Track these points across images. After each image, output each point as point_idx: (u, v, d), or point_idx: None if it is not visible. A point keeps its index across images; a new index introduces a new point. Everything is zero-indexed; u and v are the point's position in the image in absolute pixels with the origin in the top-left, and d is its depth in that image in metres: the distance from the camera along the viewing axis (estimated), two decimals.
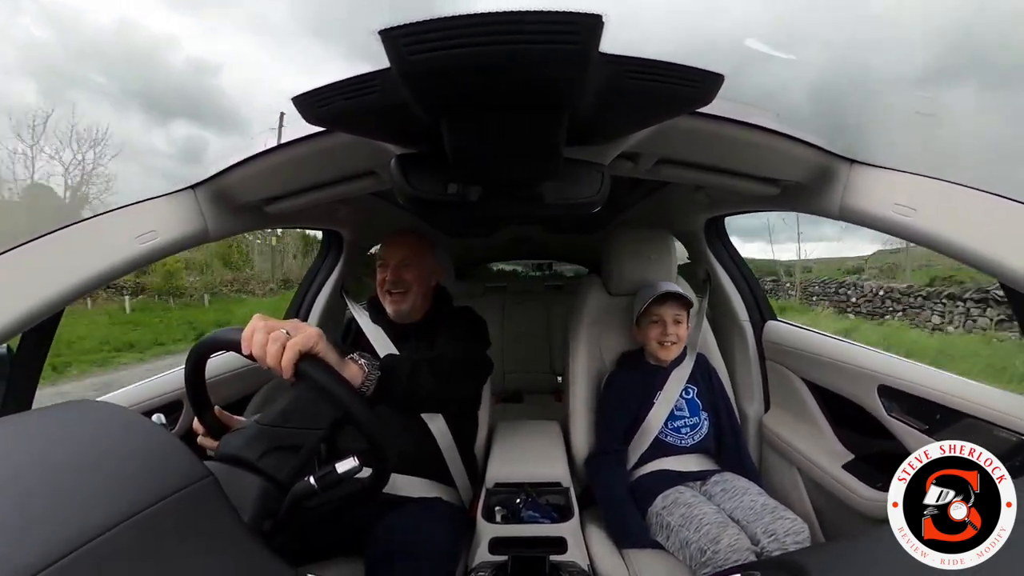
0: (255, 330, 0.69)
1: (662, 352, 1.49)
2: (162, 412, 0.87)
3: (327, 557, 1.17)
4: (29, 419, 0.62)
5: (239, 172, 1.03)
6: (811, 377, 1.53)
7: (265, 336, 0.69)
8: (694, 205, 1.71)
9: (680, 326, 1.49)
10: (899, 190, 0.92)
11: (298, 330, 0.71)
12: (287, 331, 0.70)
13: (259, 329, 0.69)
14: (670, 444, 1.45)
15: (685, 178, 1.12)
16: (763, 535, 1.14)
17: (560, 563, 1.15)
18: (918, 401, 1.16)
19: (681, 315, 1.50)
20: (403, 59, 0.50)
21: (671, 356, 1.50)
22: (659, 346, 1.49)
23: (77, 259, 0.91)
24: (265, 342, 0.69)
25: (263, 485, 0.71)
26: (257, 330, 0.69)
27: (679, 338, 1.49)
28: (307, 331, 0.72)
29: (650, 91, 0.60)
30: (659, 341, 1.48)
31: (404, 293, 1.36)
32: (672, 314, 1.48)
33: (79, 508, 0.44)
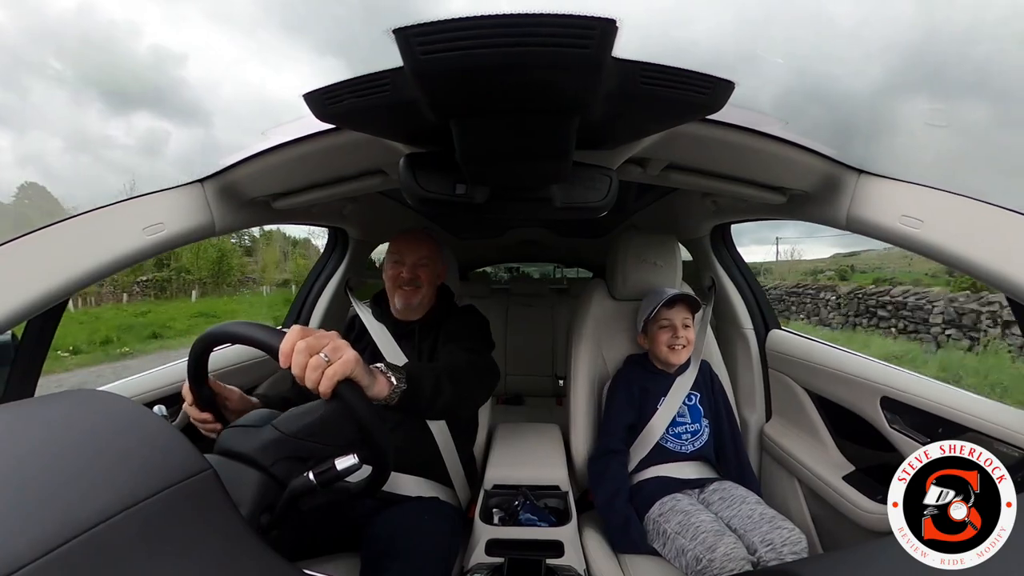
0: (296, 350, 0.70)
1: (672, 356, 1.48)
2: (163, 404, 0.88)
3: (323, 553, 1.17)
4: (32, 407, 0.62)
5: (248, 167, 1.03)
6: (813, 387, 1.53)
7: (306, 359, 0.70)
8: (701, 212, 1.71)
9: (689, 330, 1.49)
10: (906, 201, 0.92)
11: (337, 353, 0.72)
12: (327, 355, 0.71)
13: (300, 351, 0.70)
14: (670, 450, 1.45)
15: (693, 184, 1.12)
16: (760, 544, 1.14)
17: (556, 567, 1.15)
18: (920, 414, 1.15)
19: (689, 319, 1.50)
20: (416, 58, 0.50)
21: (681, 360, 1.49)
22: (669, 350, 1.48)
23: (83, 249, 0.91)
24: (305, 365, 0.70)
25: (262, 479, 0.71)
26: (298, 351, 0.70)
27: (688, 341, 1.49)
28: (345, 357, 0.72)
29: (661, 96, 0.60)
30: (669, 345, 1.48)
31: (418, 290, 1.38)
32: (681, 318, 1.48)
33: (79, 497, 0.44)
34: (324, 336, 0.73)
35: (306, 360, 0.70)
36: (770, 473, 1.65)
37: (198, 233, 1.06)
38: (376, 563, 1.05)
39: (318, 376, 0.70)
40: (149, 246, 0.98)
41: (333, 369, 0.71)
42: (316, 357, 0.70)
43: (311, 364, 0.70)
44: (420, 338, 1.40)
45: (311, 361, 0.70)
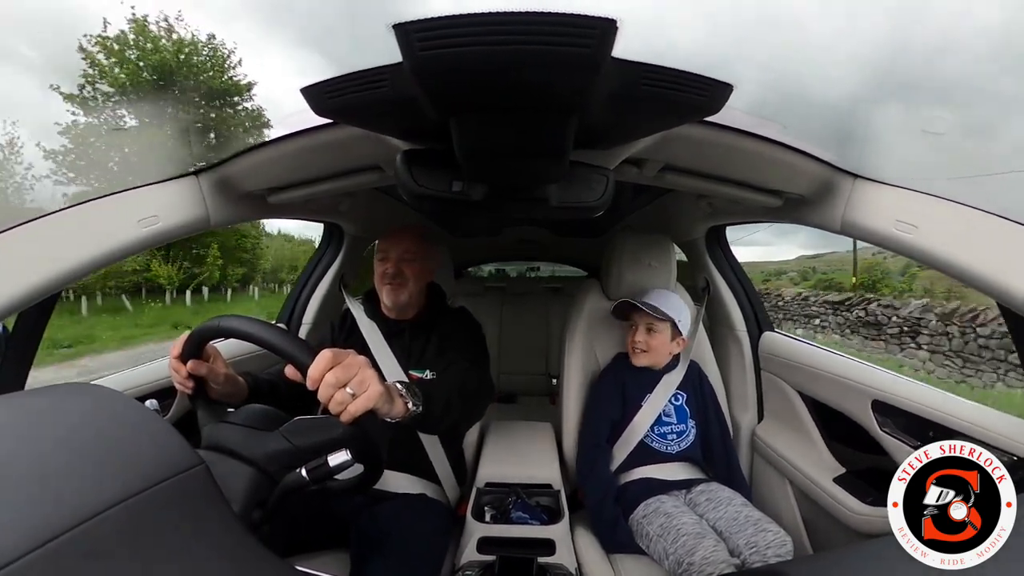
0: (325, 382, 0.71)
1: (633, 357, 1.51)
2: (155, 398, 0.87)
3: (312, 549, 1.17)
4: (22, 399, 0.62)
5: (243, 160, 1.02)
6: (806, 389, 1.54)
7: (333, 392, 0.71)
8: (696, 213, 1.71)
9: (653, 335, 1.48)
10: (902, 207, 0.93)
11: (363, 387, 0.73)
12: (352, 390, 0.72)
13: (328, 384, 0.71)
14: (656, 450, 1.45)
15: (689, 186, 1.12)
16: (745, 547, 1.14)
17: (547, 565, 1.15)
18: (912, 418, 1.16)
19: (656, 325, 1.48)
20: (415, 54, 0.50)
21: (641, 363, 1.51)
22: (632, 351, 1.51)
23: (77, 241, 0.90)
24: (331, 396, 0.72)
25: (254, 475, 0.71)
26: (327, 384, 0.71)
27: (649, 347, 1.49)
28: (370, 393, 0.74)
29: (660, 98, 0.60)
30: (631, 345, 1.51)
31: (403, 285, 1.37)
32: (645, 322, 1.49)
33: (69, 491, 0.44)
34: (352, 366, 0.74)
35: (333, 393, 0.71)
36: (761, 474, 1.66)
37: (193, 226, 1.06)
38: (365, 559, 1.05)
39: (342, 409, 0.72)
40: (143, 239, 0.97)
41: (356, 405, 0.72)
42: (342, 392, 0.72)
43: (337, 398, 0.72)
44: (411, 338, 1.40)
45: (337, 396, 0.72)
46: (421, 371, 1.36)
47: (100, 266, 0.93)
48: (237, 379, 1.02)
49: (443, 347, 1.37)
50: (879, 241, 0.96)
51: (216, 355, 0.94)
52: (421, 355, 1.38)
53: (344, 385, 0.72)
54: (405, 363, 1.37)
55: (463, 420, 1.19)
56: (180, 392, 0.91)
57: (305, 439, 0.76)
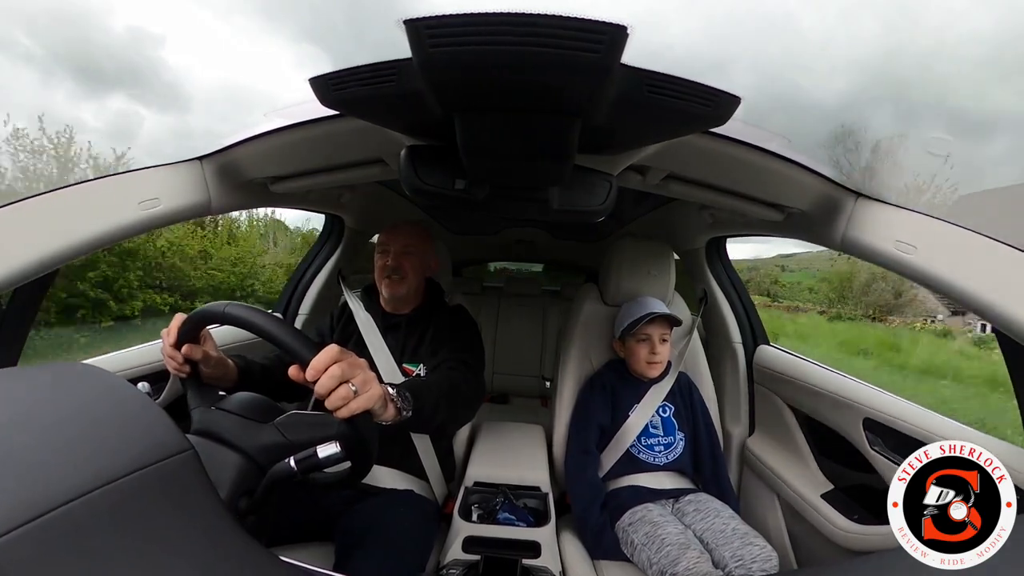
0: (328, 374, 0.70)
1: (649, 370, 1.51)
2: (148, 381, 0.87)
3: (297, 540, 1.16)
4: (13, 376, 0.61)
5: (248, 147, 1.02)
6: (798, 404, 1.54)
7: (335, 385, 0.71)
8: (698, 224, 1.71)
9: (666, 345, 1.50)
10: (902, 227, 0.93)
11: (366, 387, 0.74)
12: (355, 387, 0.72)
13: (332, 376, 0.70)
14: (643, 461, 1.45)
15: (691, 196, 1.12)
16: (731, 560, 1.14)
17: (532, 567, 1.15)
18: (902, 437, 1.16)
19: (667, 334, 1.51)
20: (424, 50, 0.50)
21: (656, 374, 1.52)
22: (647, 365, 1.50)
23: (77, 220, 0.90)
24: (332, 390, 0.71)
25: (243, 463, 0.71)
26: (330, 375, 0.70)
27: (664, 358, 1.51)
28: (371, 393, 0.74)
29: (667, 107, 0.60)
30: (648, 360, 1.50)
31: (402, 279, 1.37)
32: (659, 333, 1.49)
33: (55, 470, 0.43)
34: (356, 365, 0.74)
35: (335, 386, 0.71)
36: (750, 487, 1.66)
37: (194, 211, 1.05)
38: (349, 552, 1.05)
39: (341, 404, 0.71)
40: (143, 220, 0.97)
41: (358, 402, 0.72)
42: (345, 387, 0.71)
43: (339, 393, 0.71)
44: (407, 332, 1.41)
45: (339, 390, 0.71)
46: (415, 365, 1.36)
47: (98, 246, 0.92)
48: (227, 362, 1.02)
49: (438, 343, 1.37)
50: (879, 260, 0.96)
51: (208, 337, 0.94)
52: (416, 349, 1.38)
53: (347, 381, 0.71)
54: (399, 356, 1.37)
55: (451, 422, 1.19)
56: (173, 375, 0.91)
57: (300, 434, 0.76)
